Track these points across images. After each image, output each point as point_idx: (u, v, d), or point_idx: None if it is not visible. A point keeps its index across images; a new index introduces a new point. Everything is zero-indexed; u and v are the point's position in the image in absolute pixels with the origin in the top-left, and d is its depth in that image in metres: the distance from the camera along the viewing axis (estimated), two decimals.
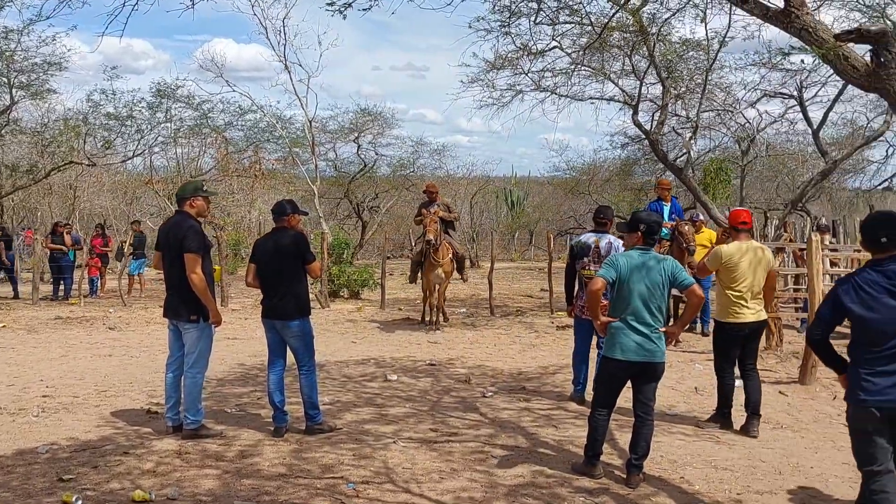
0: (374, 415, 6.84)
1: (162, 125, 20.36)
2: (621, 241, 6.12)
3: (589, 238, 7.28)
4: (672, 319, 8.24)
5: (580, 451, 5.58)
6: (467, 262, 12.55)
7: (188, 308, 5.94)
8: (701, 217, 12.30)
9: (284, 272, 6.06)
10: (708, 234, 11.70)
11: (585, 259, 7.20)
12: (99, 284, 18.56)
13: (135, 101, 19.46)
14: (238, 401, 7.31)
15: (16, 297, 16.85)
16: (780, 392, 7.70)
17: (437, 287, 12.18)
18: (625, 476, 5.13)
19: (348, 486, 4.96)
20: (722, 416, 6.49)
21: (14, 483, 4.95)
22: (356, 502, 4.71)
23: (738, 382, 6.55)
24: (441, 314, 12.51)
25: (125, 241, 18.64)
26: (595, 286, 4.99)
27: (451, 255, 11.88)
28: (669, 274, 5.07)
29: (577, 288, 7.36)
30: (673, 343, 5.71)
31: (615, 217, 7.13)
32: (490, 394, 7.69)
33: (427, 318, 12.45)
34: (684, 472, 5.36)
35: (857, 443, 3.87)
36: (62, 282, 17.60)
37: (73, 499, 4.59)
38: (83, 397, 7.39)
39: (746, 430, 6.24)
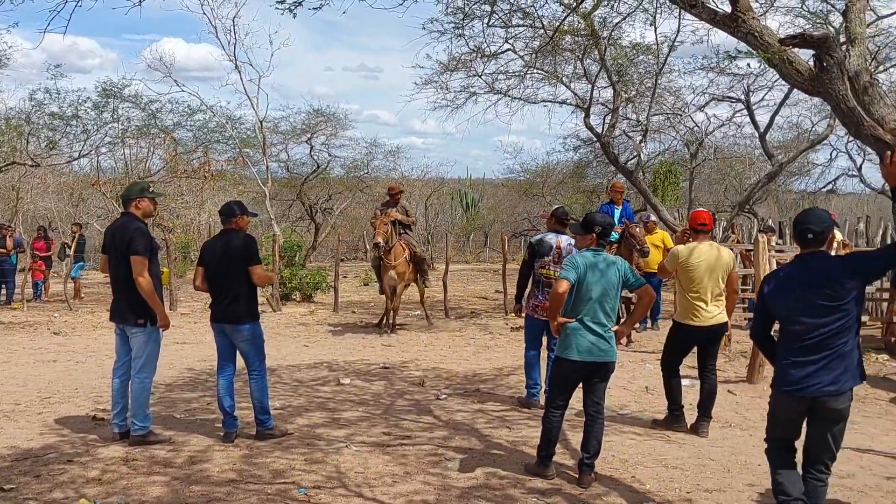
0: (327, 419, 6.77)
1: (109, 125, 19.88)
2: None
3: (552, 237, 7.16)
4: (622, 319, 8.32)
5: (533, 452, 5.59)
6: (426, 267, 12.35)
7: (135, 312, 5.82)
8: (653, 218, 12.46)
9: (232, 275, 5.93)
10: (661, 235, 11.89)
11: (546, 258, 7.09)
12: (43, 288, 18.08)
13: (80, 100, 18.99)
14: (187, 406, 7.17)
15: None
16: (728, 391, 7.83)
17: (394, 290, 12.06)
18: (577, 476, 5.16)
19: (300, 492, 4.90)
20: (673, 418, 6.54)
21: None
22: None
23: (688, 382, 6.63)
24: (392, 318, 12.28)
25: (67, 243, 18.18)
26: (561, 288, 4.99)
27: (406, 257, 11.72)
28: (622, 275, 5.13)
29: (529, 287, 7.29)
30: (624, 343, 5.78)
31: (570, 219, 7.11)
32: (444, 396, 7.68)
33: (384, 321, 12.27)
34: (635, 471, 5.40)
35: (771, 425, 4.19)
36: (4, 286, 17.09)
37: None
38: (25, 404, 7.18)
39: (696, 430, 6.32)
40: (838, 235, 7.86)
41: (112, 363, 6.15)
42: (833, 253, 6.27)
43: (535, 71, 15.09)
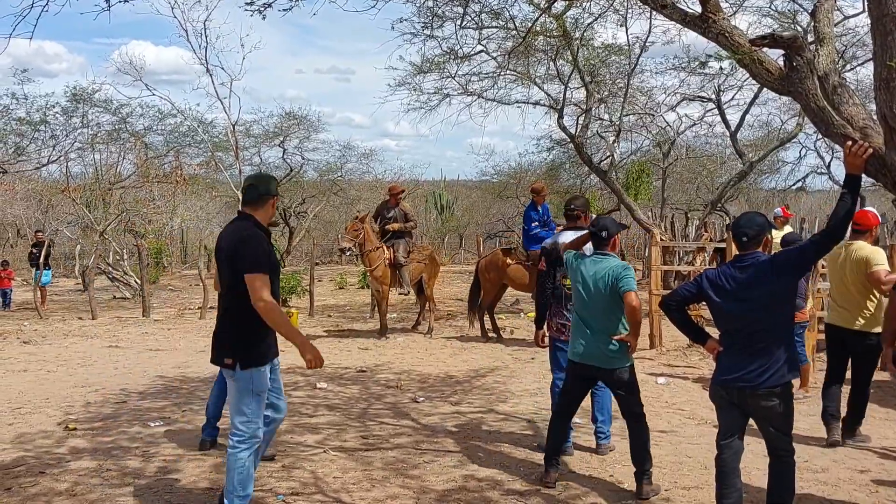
0: (302, 424, 6.71)
1: (78, 131, 19.60)
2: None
3: (569, 237, 5.83)
4: None
5: (512, 454, 5.58)
6: (407, 276, 11.83)
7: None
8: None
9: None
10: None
11: None
12: (11, 297, 17.82)
13: (49, 105, 18.71)
14: (160, 414, 7.07)
15: None
16: (703, 388, 7.88)
17: (378, 293, 11.94)
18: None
19: (278, 499, 4.84)
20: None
21: None
22: None
23: (664, 380, 6.59)
24: (379, 316, 12.13)
25: (33, 251, 17.90)
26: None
27: (384, 262, 11.54)
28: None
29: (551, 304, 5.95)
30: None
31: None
32: (421, 399, 7.65)
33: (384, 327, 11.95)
34: (613, 470, 5.42)
35: (717, 415, 4.37)
36: None
37: None
38: None
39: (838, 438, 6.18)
40: (777, 236, 7.92)
41: (83, 372, 6.04)
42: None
43: (508, 72, 15.14)
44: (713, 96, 17.22)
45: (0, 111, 18.09)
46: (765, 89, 8.36)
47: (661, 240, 11.56)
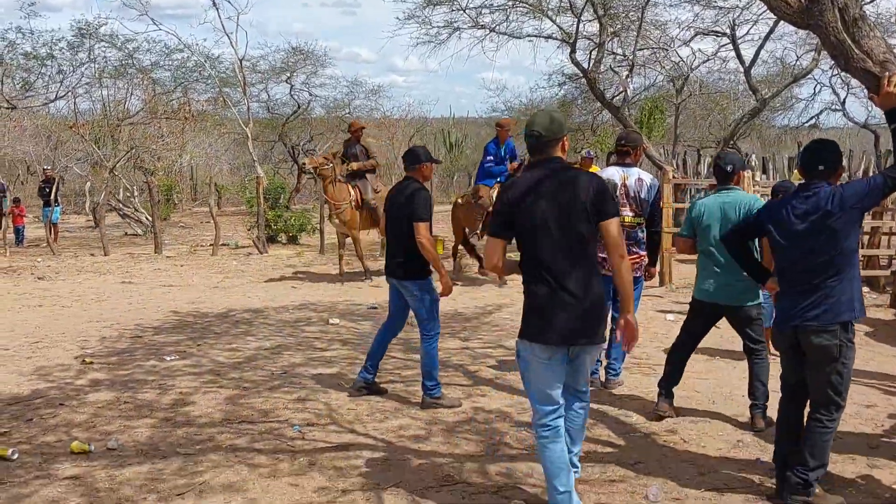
0: (316, 358, 6.82)
1: (85, 66, 19.49)
2: (651, 177, 5.67)
3: (614, 174, 5.62)
4: None
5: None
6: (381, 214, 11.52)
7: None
8: (592, 154, 12.37)
9: (400, 228, 5.41)
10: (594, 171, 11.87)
11: None
12: (24, 234, 17.97)
13: (55, 40, 18.55)
14: (174, 348, 7.19)
15: None
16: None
17: (344, 237, 11.51)
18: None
19: (294, 429, 4.95)
20: None
21: None
22: (300, 444, 4.70)
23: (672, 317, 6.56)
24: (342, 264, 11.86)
25: (43, 186, 17.96)
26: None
27: (351, 202, 11.00)
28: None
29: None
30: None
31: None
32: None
33: (340, 271, 11.82)
34: (622, 403, 5.50)
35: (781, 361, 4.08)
36: None
37: (9, 452, 4.47)
38: (13, 349, 7.17)
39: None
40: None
41: (97, 307, 6.13)
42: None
43: (519, 4, 14.83)
44: (728, 31, 16.82)
45: (6, 46, 17.96)
46: (781, 23, 8.19)
47: (674, 177, 11.49)
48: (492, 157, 10.87)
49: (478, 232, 10.85)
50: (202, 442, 4.74)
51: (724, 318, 5.21)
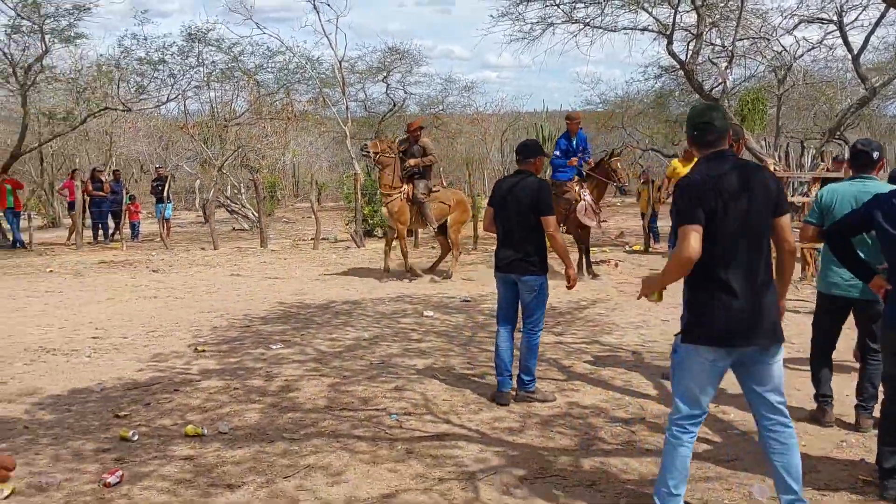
0: (412, 349, 7.00)
1: (194, 69, 20.44)
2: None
3: None
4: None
5: (616, 383, 5.68)
6: (430, 213, 11.04)
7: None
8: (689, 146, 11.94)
9: (523, 222, 5.40)
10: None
11: None
12: (140, 229, 18.95)
13: (166, 45, 19.53)
14: (280, 337, 7.52)
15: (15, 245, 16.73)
16: None
17: (391, 231, 11.35)
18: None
19: (392, 418, 5.13)
20: None
21: (71, 420, 5.19)
22: (398, 432, 4.88)
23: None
24: (388, 261, 11.62)
25: (159, 184, 18.87)
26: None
27: (403, 195, 10.88)
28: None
29: None
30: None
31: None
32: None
33: (385, 267, 11.56)
34: (719, 400, 5.44)
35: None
36: (102, 226, 18.02)
37: (130, 434, 4.81)
38: (132, 338, 7.65)
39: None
40: None
41: (208, 298, 6.45)
42: None
43: None
44: (834, 17, 16.14)
45: (122, 52, 19.01)
46: (892, 8, 7.85)
47: (776, 170, 11.16)
48: (558, 152, 10.88)
49: (562, 225, 10.85)
50: (306, 427, 4.98)
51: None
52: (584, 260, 10.94)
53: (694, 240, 3.22)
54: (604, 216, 11.95)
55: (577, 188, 10.83)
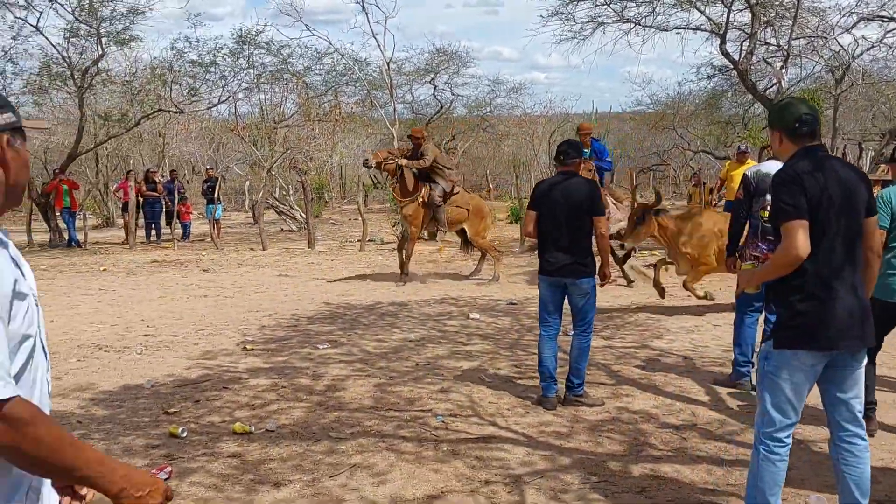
0: (458, 351, 6.96)
1: (244, 72, 20.74)
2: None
3: (774, 168, 4.95)
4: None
5: (667, 389, 5.56)
6: (443, 216, 11.02)
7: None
8: (743, 148, 11.61)
9: (574, 224, 5.32)
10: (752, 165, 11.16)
11: (769, 196, 5.01)
12: (191, 230, 19.26)
13: (217, 48, 19.84)
14: (328, 337, 7.55)
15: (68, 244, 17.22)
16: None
17: (406, 234, 11.21)
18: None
19: (437, 419, 5.10)
20: None
21: (122, 416, 5.27)
22: (443, 434, 4.84)
23: None
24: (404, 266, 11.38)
25: (209, 185, 19.17)
26: None
27: (419, 200, 10.85)
28: None
29: (745, 235, 5.70)
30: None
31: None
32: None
33: (404, 270, 11.34)
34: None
35: None
36: (154, 226, 18.37)
37: (180, 431, 4.86)
38: (182, 336, 7.76)
39: None
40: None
41: (257, 298, 6.50)
42: None
43: None
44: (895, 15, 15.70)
45: (175, 55, 19.37)
46: None
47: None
48: None
49: None
50: (352, 426, 4.97)
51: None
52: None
53: (802, 236, 3.02)
54: None
55: (604, 194, 10.74)
